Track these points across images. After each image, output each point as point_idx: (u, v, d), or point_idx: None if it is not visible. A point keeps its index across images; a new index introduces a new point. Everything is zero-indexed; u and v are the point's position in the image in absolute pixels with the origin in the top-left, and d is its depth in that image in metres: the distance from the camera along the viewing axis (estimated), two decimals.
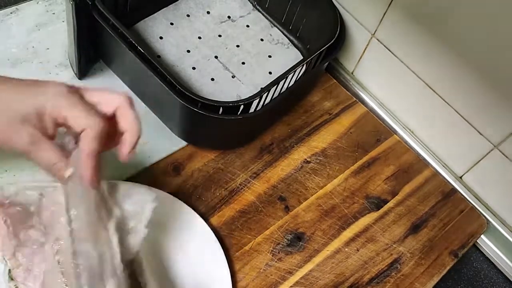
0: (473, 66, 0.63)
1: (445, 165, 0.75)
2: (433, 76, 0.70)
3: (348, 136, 0.74)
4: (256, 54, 0.77)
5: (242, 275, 0.60)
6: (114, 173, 0.63)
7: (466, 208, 0.72)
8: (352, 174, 0.71)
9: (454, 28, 0.63)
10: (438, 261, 0.66)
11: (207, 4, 0.80)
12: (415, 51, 0.70)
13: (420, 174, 0.73)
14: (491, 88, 0.63)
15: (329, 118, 0.76)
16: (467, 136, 0.69)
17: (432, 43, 0.66)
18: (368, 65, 0.78)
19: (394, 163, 0.73)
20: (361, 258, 0.64)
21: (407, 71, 0.72)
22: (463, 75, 0.65)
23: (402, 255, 0.66)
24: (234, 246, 0.62)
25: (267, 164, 0.69)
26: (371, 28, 0.74)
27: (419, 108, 0.74)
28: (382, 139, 0.75)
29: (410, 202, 0.70)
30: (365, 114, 0.78)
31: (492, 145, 0.67)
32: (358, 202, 0.69)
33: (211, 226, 0.62)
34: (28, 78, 0.45)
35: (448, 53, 0.65)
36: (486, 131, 0.67)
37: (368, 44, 0.76)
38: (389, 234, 0.67)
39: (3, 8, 0.74)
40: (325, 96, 0.78)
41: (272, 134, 0.72)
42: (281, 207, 0.66)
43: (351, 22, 0.76)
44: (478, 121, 0.67)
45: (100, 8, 0.62)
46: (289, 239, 0.64)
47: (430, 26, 0.66)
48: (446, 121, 0.71)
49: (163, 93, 0.61)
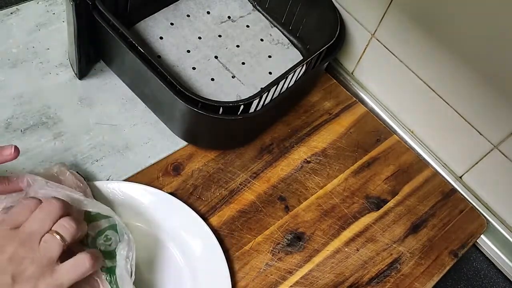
0: (473, 66, 0.63)
1: (445, 165, 0.75)
2: (433, 76, 0.69)
3: (348, 136, 0.74)
4: (256, 54, 0.77)
5: (242, 275, 0.60)
6: (113, 174, 0.63)
7: (466, 208, 0.72)
8: (352, 174, 0.71)
9: (454, 28, 0.63)
10: (438, 261, 0.66)
11: (207, 4, 0.80)
12: (415, 51, 0.69)
13: (420, 174, 0.73)
14: (491, 88, 0.63)
15: (329, 118, 0.76)
16: (467, 136, 0.69)
17: (432, 43, 0.66)
18: (368, 65, 0.78)
19: (394, 163, 0.73)
20: (361, 258, 0.64)
21: (407, 71, 0.72)
22: (463, 75, 0.65)
23: (402, 255, 0.66)
24: (234, 246, 0.62)
25: (267, 164, 0.69)
26: (371, 28, 0.74)
27: (419, 108, 0.74)
28: (382, 139, 0.75)
29: (410, 202, 0.70)
30: (365, 114, 0.78)
31: (492, 145, 0.67)
32: (358, 202, 0.69)
33: (211, 226, 0.62)
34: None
35: (448, 53, 0.65)
36: (486, 131, 0.67)
37: (368, 44, 0.76)
38: (389, 234, 0.67)
39: (3, 8, 0.74)
40: (325, 96, 0.78)
41: (272, 134, 0.72)
42: (281, 207, 0.66)
43: (351, 22, 0.76)
44: (478, 121, 0.67)
45: (100, 8, 0.62)
46: (289, 239, 0.64)
47: (430, 26, 0.66)
48: (446, 121, 0.71)
49: (163, 93, 0.61)
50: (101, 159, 0.64)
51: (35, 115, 0.66)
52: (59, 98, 0.68)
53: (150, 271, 0.57)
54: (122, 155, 0.65)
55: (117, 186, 0.60)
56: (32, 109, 0.66)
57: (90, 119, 0.67)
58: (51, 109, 0.67)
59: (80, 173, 0.59)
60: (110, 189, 0.60)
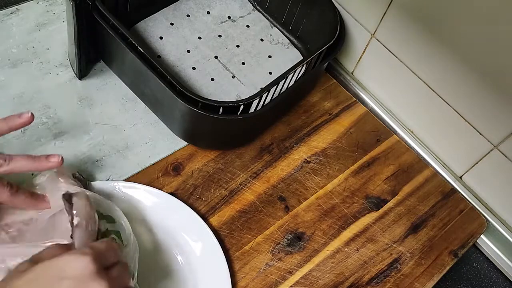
0: (473, 66, 0.63)
1: (445, 165, 0.75)
2: (433, 76, 0.70)
3: (348, 136, 0.74)
4: (256, 54, 0.77)
5: (242, 275, 0.60)
6: (113, 174, 0.63)
7: (466, 208, 0.72)
8: (352, 174, 0.71)
9: (454, 28, 0.63)
10: (438, 261, 0.66)
11: (207, 4, 0.80)
12: (415, 51, 0.69)
13: (420, 174, 0.73)
14: (491, 88, 0.63)
15: (329, 118, 0.76)
16: (467, 136, 0.69)
17: (432, 43, 0.66)
18: (368, 65, 0.78)
19: (394, 163, 0.73)
20: (361, 258, 0.64)
21: (406, 71, 0.72)
22: (463, 75, 0.65)
23: (402, 255, 0.66)
24: (234, 246, 0.62)
25: (267, 164, 0.69)
26: (371, 28, 0.74)
27: (418, 108, 0.74)
28: (382, 139, 0.75)
29: (410, 202, 0.70)
30: (365, 114, 0.78)
31: (492, 145, 0.67)
32: (358, 202, 0.69)
33: (211, 226, 0.62)
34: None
35: (448, 53, 0.65)
36: (486, 131, 0.67)
37: (368, 44, 0.76)
38: (389, 234, 0.67)
39: (3, 8, 0.74)
40: (325, 96, 0.78)
41: (272, 134, 0.72)
42: (281, 207, 0.66)
43: (351, 22, 0.76)
44: (478, 121, 0.67)
45: (100, 8, 0.62)
46: (289, 239, 0.64)
47: (430, 26, 0.66)
48: (446, 121, 0.71)
49: (163, 93, 0.61)
50: (101, 159, 0.64)
51: (35, 115, 0.65)
52: (59, 98, 0.68)
53: (150, 271, 0.57)
54: (122, 155, 0.65)
55: (117, 186, 0.60)
56: (32, 109, 0.66)
57: (90, 119, 0.67)
58: (51, 109, 0.67)
59: (80, 173, 0.59)
60: (110, 189, 0.60)
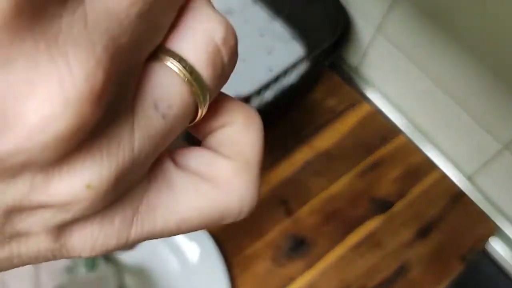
0: (484, 63, 0.62)
1: (454, 166, 0.74)
2: (441, 73, 0.68)
3: (353, 136, 0.73)
4: (256, 50, 0.75)
5: (242, 281, 0.59)
6: None
7: (475, 211, 0.71)
8: (356, 175, 0.70)
9: (463, 23, 0.61)
10: (446, 266, 0.65)
11: None
12: (422, 47, 0.68)
13: (428, 175, 0.72)
14: (503, 87, 0.61)
15: (332, 116, 0.74)
16: (476, 137, 0.68)
17: (439, 39, 0.65)
18: (373, 62, 0.77)
19: (400, 164, 0.72)
20: (366, 264, 0.63)
21: (413, 68, 0.71)
22: (473, 73, 0.64)
23: (409, 260, 0.65)
24: (234, 251, 0.61)
25: (267, 165, 0.68)
26: (376, 23, 0.72)
27: (426, 107, 0.73)
28: (388, 139, 0.74)
29: (418, 204, 0.69)
30: (370, 112, 0.76)
31: (502, 146, 0.66)
32: (363, 205, 0.68)
33: (210, 230, 0.61)
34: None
35: (456, 50, 0.64)
36: (495, 132, 0.66)
37: (373, 40, 0.74)
38: (396, 238, 0.66)
39: None
40: (328, 94, 0.77)
41: (273, 133, 0.71)
42: (283, 210, 0.65)
43: (356, 17, 0.75)
44: (487, 121, 0.66)
45: None
46: (291, 243, 0.63)
47: (437, 21, 0.64)
48: (455, 120, 0.69)
49: None
50: None
51: None
52: None
53: (144, 279, 0.57)
54: None
55: None
56: None
57: None
58: None
59: None
60: None
